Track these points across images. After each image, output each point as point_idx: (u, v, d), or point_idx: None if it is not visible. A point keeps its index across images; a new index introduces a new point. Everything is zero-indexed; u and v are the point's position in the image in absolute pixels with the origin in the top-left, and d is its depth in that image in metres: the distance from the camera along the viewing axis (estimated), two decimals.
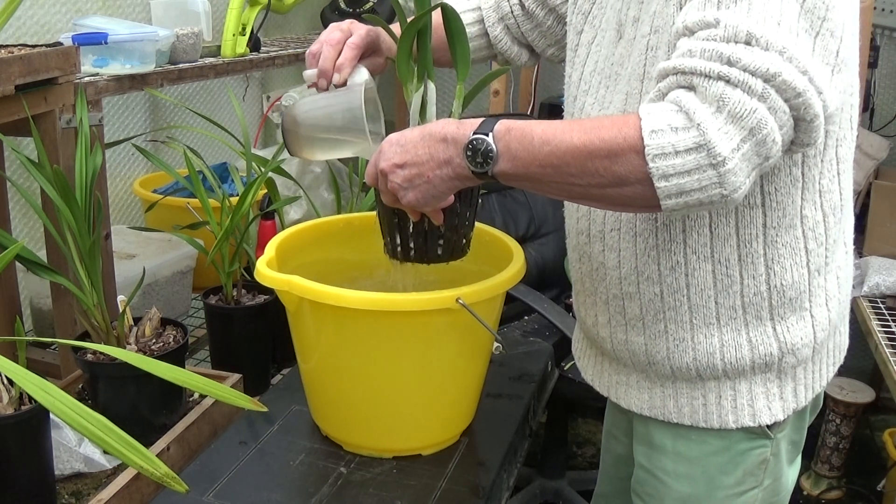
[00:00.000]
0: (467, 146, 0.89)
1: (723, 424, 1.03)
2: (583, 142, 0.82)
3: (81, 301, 1.31)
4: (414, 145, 0.93)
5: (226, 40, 1.93)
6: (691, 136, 0.78)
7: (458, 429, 1.27)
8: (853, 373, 2.40)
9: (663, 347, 1.04)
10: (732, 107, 0.78)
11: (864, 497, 2.38)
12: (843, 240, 1.04)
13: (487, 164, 0.88)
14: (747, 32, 0.79)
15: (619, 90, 1.02)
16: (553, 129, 0.85)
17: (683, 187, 0.80)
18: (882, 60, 2.53)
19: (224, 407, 1.39)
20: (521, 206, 2.26)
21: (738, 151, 0.78)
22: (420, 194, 0.94)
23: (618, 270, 1.05)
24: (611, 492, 1.33)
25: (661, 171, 0.79)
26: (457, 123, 0.92)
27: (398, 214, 1.07)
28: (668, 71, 0.83)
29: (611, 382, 1.15)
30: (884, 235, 2.17)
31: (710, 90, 0.79)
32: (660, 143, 0.79)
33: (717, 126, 0.78)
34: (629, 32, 1.02)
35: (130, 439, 0.76)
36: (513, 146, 0.87)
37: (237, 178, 1.80)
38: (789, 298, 0.99)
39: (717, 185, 0.79)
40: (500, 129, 0.88)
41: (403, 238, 1.09)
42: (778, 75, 0.77)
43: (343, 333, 1.14)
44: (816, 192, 0.97)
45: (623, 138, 0.80)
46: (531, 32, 1.26)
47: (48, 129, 1.38)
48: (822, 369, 1.07)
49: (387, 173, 0.94)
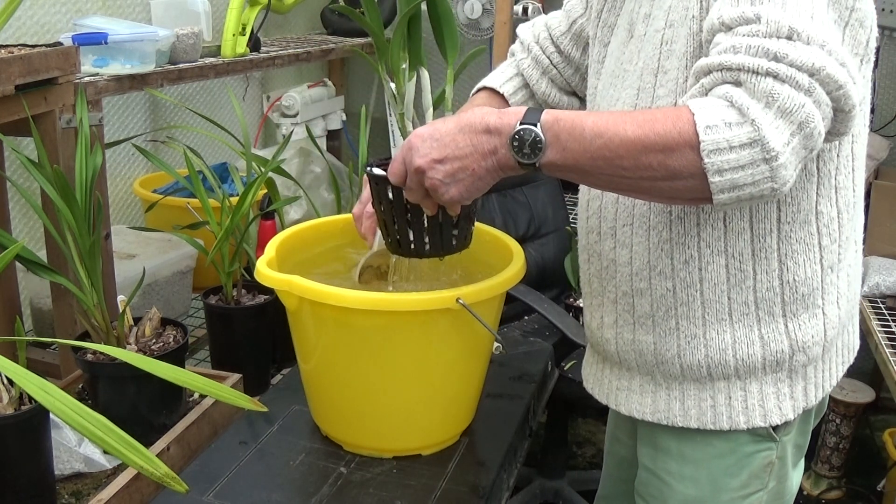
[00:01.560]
0: (514, 137, 0.87)
1: (733, 426, 1.02)
2: (637, 135, 0.82)
3: (81, 301, 1.31)
4: (452, 138, 0.90)
5: (226, 40, 1.93)
6: (745, 131, 0.79)
7: (458, 429, 1.27)
8: (853, 373, 2.37)
9: (674, 345, 1.03)
10: (782, 102, 0.78)
11: (864, 497, 2.38)
12: (855, 238, 1.04)
13: (535, 154, 0.86)
14: (789, 27, 0.79)
15: (627, 86, 1.02)
16: (605, 121, 0.84)
17: (737, 182, 0.80)
18: (882, 60, 2.53)
19: (224, 407, 1.39)
20: (521, 206, 2.26)
21: (788, 146, 0.79)
22: (464, 188, 0.92)
23: (629, 266, 1.04)
24: (613, 494, 1.33)
25: (716, 167, 0.79)
26: (497, 113, 0.90)
27: (410, 210, 1.04)
28: (713, 67, 0.83)
29: (611, 389, 1.13)
30: (884, 235, 2.17)
31: (759, 86, 0.79)
32: (715, 138, 0.79)
33: (769, 121, 0.79)
34: (640, 29, 1.02)
35: (130, 439, 0.75)
36: (562, 137, 0.85)
37: (237, 178, 1.80)
38: (802, 295, 0.99)
39: (769, 180, 0.80)
40: (548, 118, 0.86)
41: (418, 233, 1.07)
42: (822, 69, 0.78)
43: (343, 333, 1.14)
44: (832, 188, 0.97)
45: (678, 133, 0.80)
46: (573, 77, 1.25)
47: (48, 129, 1.38)
48: (832, 368, 1.06)
49: (424, 170, 0.91)
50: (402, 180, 0.96)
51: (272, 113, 2.67)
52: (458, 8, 2.79)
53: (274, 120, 2.67)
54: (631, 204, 1.02)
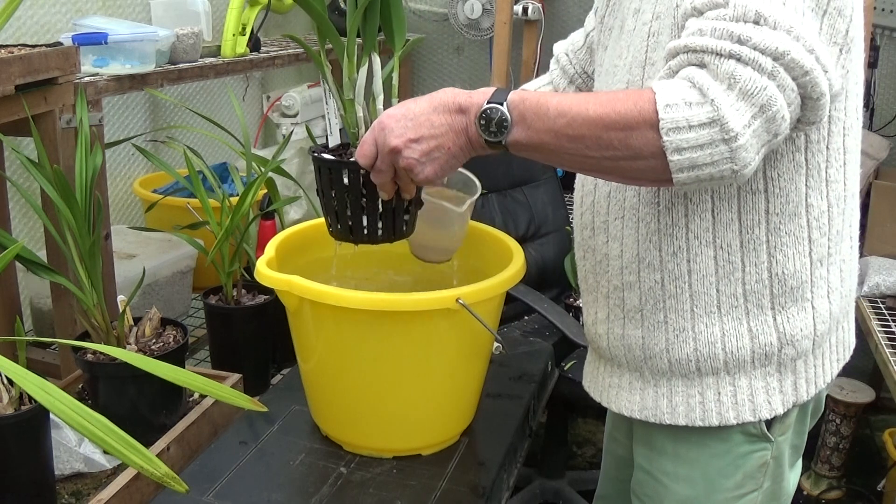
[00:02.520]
0: (481, 115, 0.89)
1: (723, 422, 1.02)
2: (598, 114, 0.83)
3: (81, 301, 1.31)
4: (427, 118, 0.91)
5: (226, 40, 1.93)
6: (705, 111, 0.80)
7: (458, 429, 1.27)
8: (853, 373, 2.40)
9: (662, 339, 1.03)
10: (744, 84, 0.79)
11: (864, 497, 2.38)
12: (850, 233, 1.04)
13: (502, 133, 0.88)
14: (756, 12, 0.80)
15: (617, 80, 1.03)
16: (569, 101, 0.86)
17: (696, 161, 0.81)
18: (882, 60, 2.52)
19: (224, 407, 1.39)
20: (521, 206, 2.26)
21: (749, 128, 0.80)
22: (439, 166, 0.93)
23: (619, 260, 1.05)
24: (612, 494, 1.33)
25: (675, 145, 0.81)
26: (466, 93, 0.92)
27: (367, 195, 1.04)
28: (679, 49, 0.84)
29: (604, 386, 1.14)
30: (884, 235, 2.17)
31: (722, 68, 0.80)
32: (674, 116, 0.80)
33: (730, 102, 0.79)
34: (629, 24, 1.03)
35: (130, 439, 0.75)
36: (528, 116, 0.87)
37: (237, 178, 1.80)
38: (790, 287, 0.99)
39: (729, 161, 0.81)
40: (515, 98, 0.88)
41: (371, 219, 1.07)
42: (787, 53, 0.79)
43: (343, 333, 1.14)
44: (822, 180, 0.97)
45: (638, 111, 0.82)
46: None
47: (48, 129, 1.38)
48: (825, 364, 1.06)
49: (400, 149, 0.92)
50: (372, 163, 0.96)
51: (272, 113, 2.67)
52: (458, 8, 2.79)
53: (274, 120, 2.67)
54: (622, 197, 1.03)
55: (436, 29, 2.99)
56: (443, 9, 2.90)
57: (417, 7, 2.97)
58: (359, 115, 1.10)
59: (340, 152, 1.11)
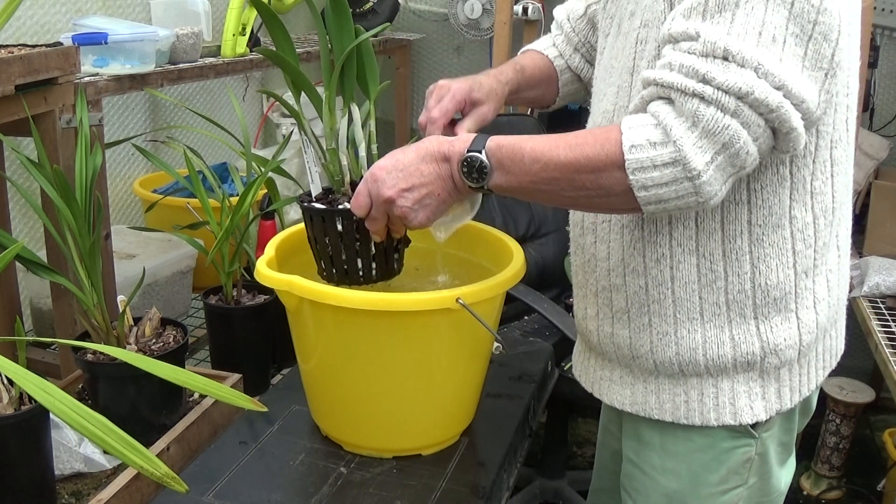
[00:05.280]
0: (462, 163, 0.95)
1: (704, 422, 1.04)
2: (569, 159, 0.89)
3: (81, 301, 1.31)
4: (416, 168, 0.97)
5: (226, 40, 1.93)
6: (668, 151, 0.84)
7: (458, 429, 1.27)
8: (853, 373, 2.40)
9: (647, 341, 1.05)
10: (706, 123, 0.83)
11: (864, 497, 2.38)
12: (837, 243, 1.04)
13: (483, 178, 0.94)
14: (724, 48, 0.83)
15: (611, 83, 1.05)
16: (542, 146, 0.91)
17: (662, 196, 0.86)
18: (882, 60, 2.52)
19: (224, 407, 1.39)
20: (521, 206, 2.26)
21: (712, 164, 0.84)
22: (430, 212, 0.99)
23: (607, 262, 1.07)
24: (607, 487, 1.33)
25: (641, 183, 0.86)
26: (448, 141, 0.97)
27: (360, 239, 1.10)
28: (650, 81, 0.88)
29: (595, 378, 1.16)
30: (884, 235, 2.17)
31: (686, 106, 0.84)
32: (639, 157, 0.85)
33: (692, 141, 0.83)
34: (625, 26, 1.04)
35: (130, 439, 0.75)
36: (505, 163, 0.93)
37: (237, 178, 1.80)
38: (774, 298, 0.99)
39: (693, 195, 0.86)
40: (492, 145, 0.94)
41: (366, 261, 1.13)
42: (751, 93, 0.82)
43: (343, 333, 1.14)
44: (807, 193, 0.97)
45: (606, 155, 0.87)
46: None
47: (48, 129, 1.38)
48: (810, 373, 1.06)
49: (394, 199, 0.98)
50: (367, 213, 1.02)
51: (272, 113, 2.67)
52: (458, 8, 2.79)
53: (274, 120, 2.67)
54: None
55: (436, 29, 2.99)
56: (443, 9, 2.90)
57: (417, 7, 2.97)
58: (343, 163, 1.16)
59: (329, 199, 1.16)
